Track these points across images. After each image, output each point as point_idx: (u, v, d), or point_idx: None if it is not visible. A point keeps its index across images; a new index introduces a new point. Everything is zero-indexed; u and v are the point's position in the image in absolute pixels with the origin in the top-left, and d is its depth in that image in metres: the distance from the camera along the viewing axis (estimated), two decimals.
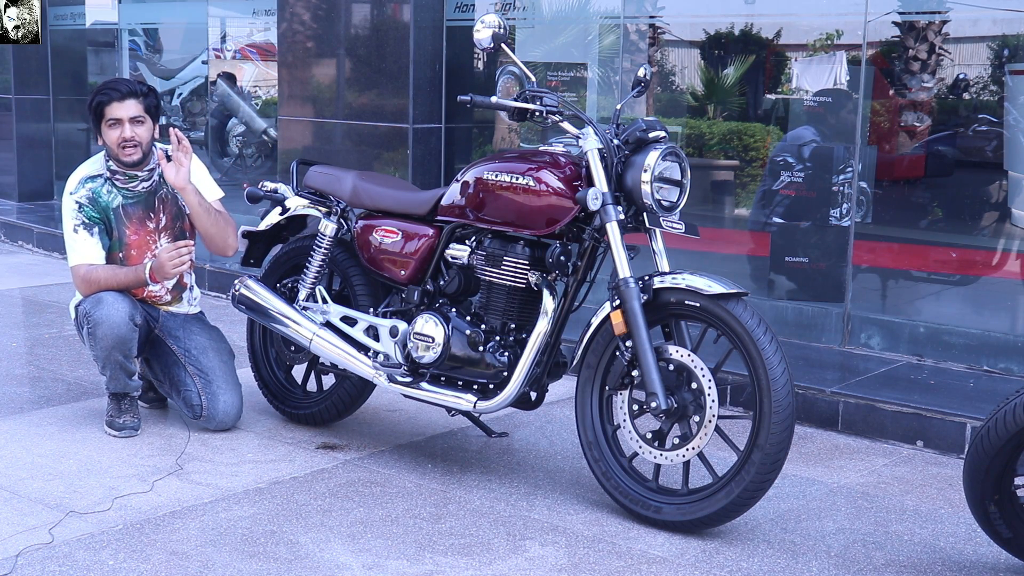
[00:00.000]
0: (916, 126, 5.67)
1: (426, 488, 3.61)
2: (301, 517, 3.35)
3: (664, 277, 3.32)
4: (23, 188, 9.38)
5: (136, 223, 4.08)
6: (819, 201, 5.44)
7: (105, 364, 3.94)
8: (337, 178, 4.06)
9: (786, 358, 3.17)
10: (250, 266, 4.41)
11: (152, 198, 4.11)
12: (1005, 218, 5.41)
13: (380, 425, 4.26)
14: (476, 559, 3.10)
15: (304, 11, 6.65)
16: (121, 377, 3.96)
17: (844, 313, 5.17)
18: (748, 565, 3.10)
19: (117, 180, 4.07)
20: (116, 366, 3.93)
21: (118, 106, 3.98)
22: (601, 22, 6.07)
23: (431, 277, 3.79)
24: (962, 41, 5.65)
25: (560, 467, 3.86)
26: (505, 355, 3.56)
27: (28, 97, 9.33)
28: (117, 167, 4.06)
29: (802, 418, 4.31)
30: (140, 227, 4.08)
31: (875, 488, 3.74)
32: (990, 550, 3.21)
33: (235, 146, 8.84)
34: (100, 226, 4.03)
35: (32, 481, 3.57)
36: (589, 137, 3.41)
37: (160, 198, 4.12)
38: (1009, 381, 4.58)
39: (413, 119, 6.15)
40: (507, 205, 3.51)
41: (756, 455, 3.16)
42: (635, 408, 3.38)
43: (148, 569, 2.97)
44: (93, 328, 3.88)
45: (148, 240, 4.10)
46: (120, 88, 4.00)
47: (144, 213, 4.09)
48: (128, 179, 4.06)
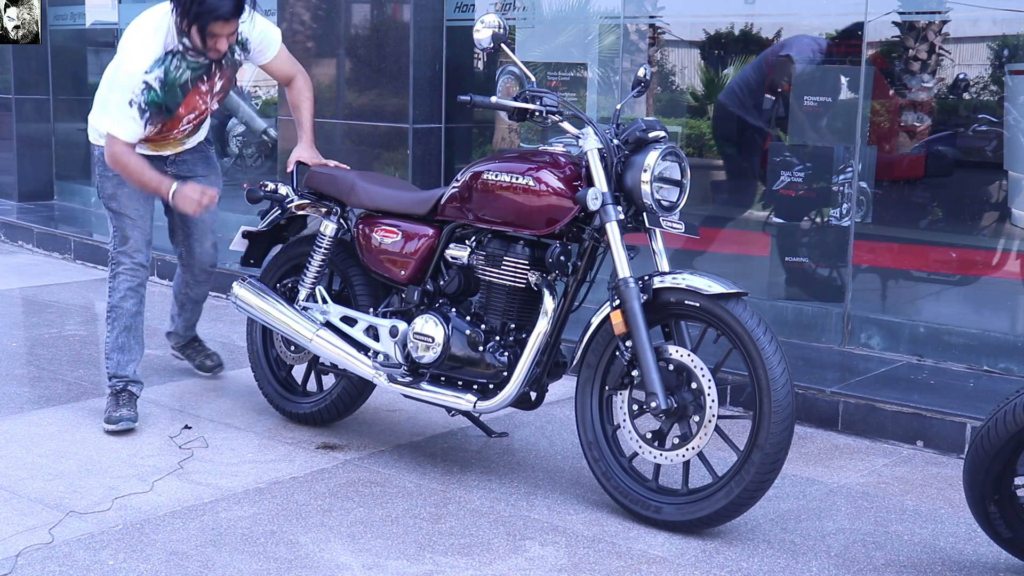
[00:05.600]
0: (916, 126, 5.67)
1: (426, 488, 3.61)
2: (301, 517, 3.35)
3: (664, 277, 3.32)
4: (23, 188, 9.38)
5: (193, 89, 4.11)
6: (819, 201, 5.44)
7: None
8: (337, 178, 4.06)
9: (786, 358, 3.18)
10: (250, 266, 4.41)
11: (208, 68, 4.10)
12: (1005, 218, 5.41)
13: (380, 425, 4.26)
14: (476, 559, 3.10)
15: (304, 11, 6.65)
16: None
17: (844, 313, 5.17)
18: (748, 565, 3.11)
19: (189, 55, 4.03)
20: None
21: (223, 25, 3.92)
22: (601, 22, 6.07)
23: (431, 277, 3.79)
24: (962, 41, 5.64)
25: (560, 467, 3.86)
26: (505, 355, 3.56)
27: (28, 97, 9.33)
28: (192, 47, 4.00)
29: (802, 418, 4.31)
30: (195, 91, 4.11)
31: (875, 488, 3.74)
32: (990, 550, 3.21)
33: (235, 146, 8.84)
34: (152, 112, 4.01)
35: (32, 481, 3.57)
36: (589, 137, 3.41)
37: (220, 66, 4.13)
38: (1009, 381, 4.58)
39: (413, 119, 6.15)
40: (507, 205, 3.51)
41: (756, 455, 3.16)
42: (635, 408, 3.38)
43: (148, 569, 2.97)
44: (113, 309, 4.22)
45: (199, 101, 4.14)
46: (227, 8, 3.89)
47: (202, 79, 4.10)
48: (198, 54, 4.02)
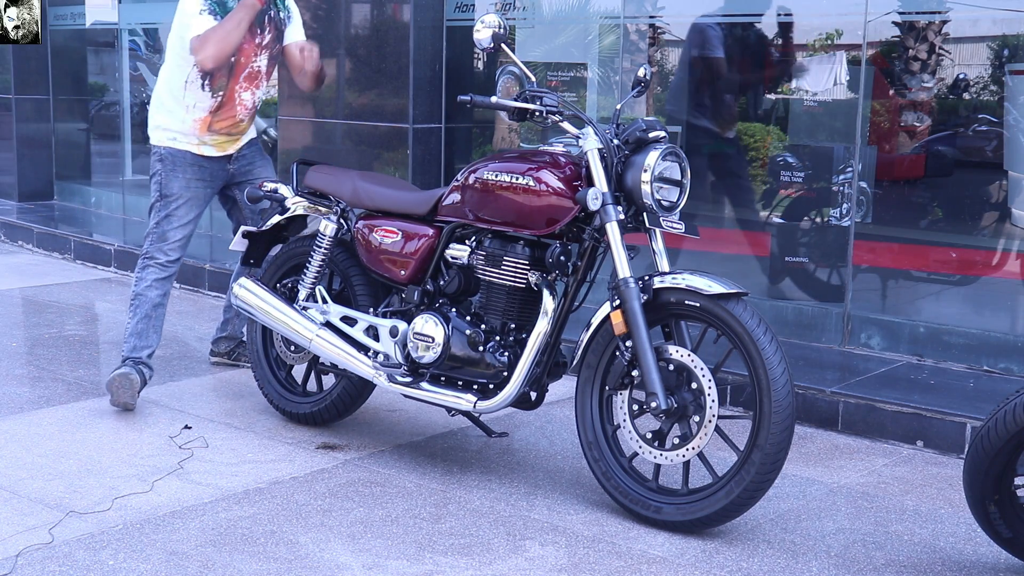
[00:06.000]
0: (916, 126, 5.67)
1: (426, 488, 3.61)
2: (301, 517, 3.34)
3: (664, 277, 3.32)
4: (23, 188, 9.38)
5: (248, 36, 4.34)
6: (819, 201, 5.44)
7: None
8: (337, 178, 4.07)
9: (786, 358, 3.18)
10: (250, 266, 4.41)
11: (263, 16, 4.41)
12: (1005, 218, 5.40)
13: (380, 425, 4.26)
14: (476, 559, 3.10)
15: (304, 11, 6.61)
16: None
17: (844, 313, 5.17)
18: (748, 565, 3.10)
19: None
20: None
21: None
22: (601, 22, 6.07)
23: (431, 277, 3.79)
24: (962, 41, 5.64)
25: (560, 467, 3.86)
26: (505, 355, 3.56)
27: (28, 97, 9.33)
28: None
29: (802, 418, 4.31)
30: (250, 39, 4.37)
31: (875, 488, 3.74)
32: (990, 550, 3.21)
33: None
34: (221, 14, 4.31)
35: (32, 481, 3.57)
36: (589, 137, 3.41)
37: (270, 17, 4.45)
38: (1009, 381, 4.58)
39: (413, 119, 6.15)
40: (507, 205, 3.51)
41: (756, 455, 3.16)
42: (635, 408, 3.38)
43: (148, 569, 2.97)
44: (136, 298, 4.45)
45: (252, 52, 4.40)
46: None
47: (255, 27, 4.37)
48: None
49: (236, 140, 4.56)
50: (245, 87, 4.44)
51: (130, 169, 9.25)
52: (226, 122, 4.46)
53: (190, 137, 4.43)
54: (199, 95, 4.38)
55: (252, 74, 4.43)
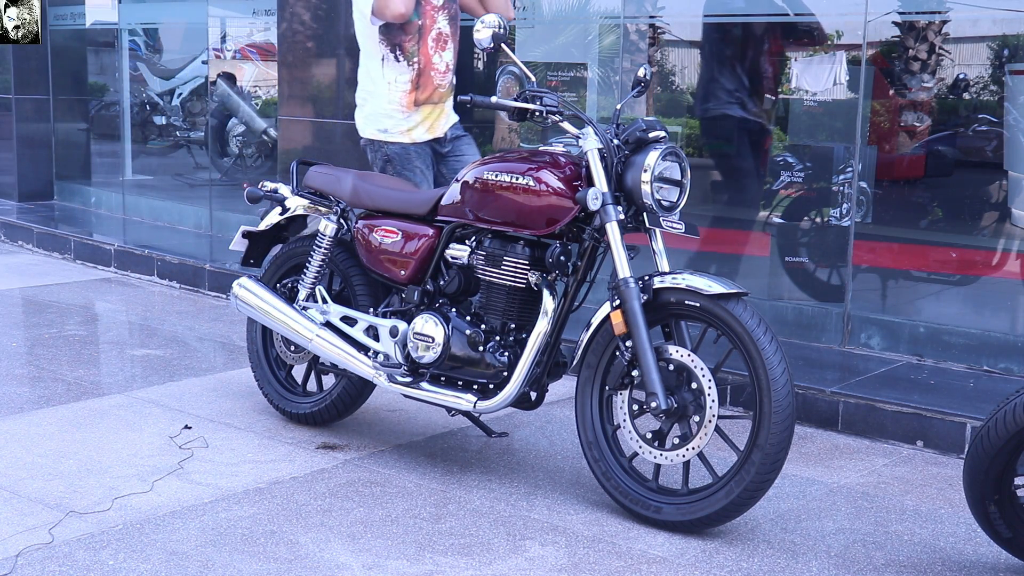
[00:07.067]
0: (916, 126, 5.67)
1: (426, 488, 3.61)
2: (301, 517, 3.35)
3: (664, 277, 3.32)
4: (23, 188, 9.38)
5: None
6: (819, 201, 5.44)
7: None
8: (337, 178, 4.06)
9: (786, 358, 3.17)
10: (250, 266, 4.41)
11: None
12: (1005, 218, 5.41)
13: (380, 425, 4.27)
14: (476, 559, 3.10)
15: (304, 11, 6.65)
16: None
17: (844, 313, 5.17)
18: (748, 565, 3.10)
19: None
20: None
21: None
22: (601, 22, 6.07)
23: (431, 277, 3.79)
24: (962, 41, 5.65)
25: (560, 467, 3.86)
26: (505, 355, 3.56)
27: (28, 97, 9.33)
28: None
29: (802, 418, 4.31)
30: (426, 1, 4.57)
31: (875, 488, 3.74)
32: (990, 550, 3.21)
33: (235, 146, 8.85)
34: None
35: (32, 481, 3.57)
36: (589, 137, 3.41)
37: None
38: (1009, 381, 4.58)
39: None
40: (507, 205, 3.51)
41: (756, 455, 3.16)
42: (635, 408, 3.38)
43: (148, 569, 2.97)
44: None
45: (433, 13, 4.59)
46: None
47: None
48: None
49: (442, 112, 4.69)
50: (435, 51, 4.60)
51: (130, 169, 9.26)
52: (427, 91, 4.61)
53: (399, 119, 4.58)
54: (397, 68, 4.54)
55: (439, 37, 4.61)
